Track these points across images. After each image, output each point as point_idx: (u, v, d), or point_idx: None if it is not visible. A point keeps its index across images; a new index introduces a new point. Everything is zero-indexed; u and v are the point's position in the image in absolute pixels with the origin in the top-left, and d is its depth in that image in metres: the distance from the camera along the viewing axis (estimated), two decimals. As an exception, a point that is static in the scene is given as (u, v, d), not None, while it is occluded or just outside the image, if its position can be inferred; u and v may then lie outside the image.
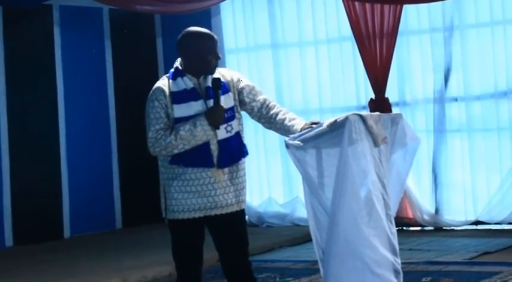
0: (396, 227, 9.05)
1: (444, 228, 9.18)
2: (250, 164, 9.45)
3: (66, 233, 9.81)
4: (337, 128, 4.84)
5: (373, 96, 9.28)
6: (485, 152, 9.06)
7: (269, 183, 10.21)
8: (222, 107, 4.87)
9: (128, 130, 10.37)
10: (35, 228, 9.43)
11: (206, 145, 4.87)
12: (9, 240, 9.31)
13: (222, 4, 9.97)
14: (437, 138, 9.22)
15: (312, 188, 5.02)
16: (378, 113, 5.10)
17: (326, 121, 4.89)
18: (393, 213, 5.14)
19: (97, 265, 7.99)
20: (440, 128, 9.19)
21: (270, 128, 5.10)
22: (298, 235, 8.94)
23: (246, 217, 6.03)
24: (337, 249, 4.93)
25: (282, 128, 5.01)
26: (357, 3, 9.14)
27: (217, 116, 4.85)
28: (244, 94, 5.04)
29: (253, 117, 5.12)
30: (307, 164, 4.98)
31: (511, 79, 8.88)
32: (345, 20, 9.36)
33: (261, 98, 5.06)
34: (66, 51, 9.87)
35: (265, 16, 10.08)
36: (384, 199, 4.99)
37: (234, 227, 5.04)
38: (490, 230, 8.89)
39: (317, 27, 9.83)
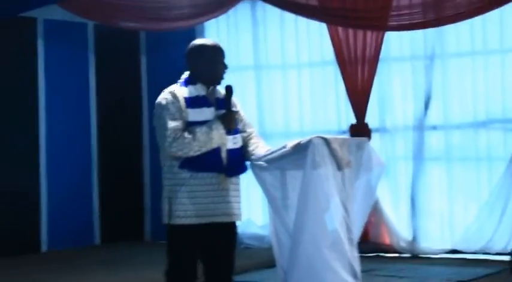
0: (373, 253, 9.12)
1: (420, 255, 9.16)
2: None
3: (44, 247, 9.75)
4: (301, 150, 4.88)
5: (353, 121, 9.31)
6: (463, 181, 9.06)
7: (248, 204, 10.18)
8: (235, 112, 5.02)
9: (110, 145, 10.37)
10: (12, 242, 9.37)
11: (217, 151, 4.96)
12: (-15, 253, 9.27)
13: (207, 23, 10.01)
14: (415, 166, 9.21)
15: (276, 209, 5.04)
16: (343, 136, 5.13)
17: (290, 143, 4.92)
18: (356, 237, 5.14)
19: (71, 281, 7.94)
20: (419, 156, 9.20)
21: None
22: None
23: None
24: (299, 272, 4.93)
25: (248, 154, 5.15)
26: (340, 28, 9.20)
27: (232, 121, 4.97)
28: (237, 122, 5.15)
29: None
30: (271, 185, 5.02)
31: (490, 109, 8.90)
32: (327, 45, 9.40)
33: (250, 130, 5.21)
34: (50, 65, 9.85)
35: (249, 37, 10.10)
36: (346, 223, 4.99)
37: (232, 238, 5.12)
38: (465, 259, 8.85)
39: (300, 50, 9.88)
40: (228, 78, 5.15)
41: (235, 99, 5.21)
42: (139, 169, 10.67)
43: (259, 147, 5.14)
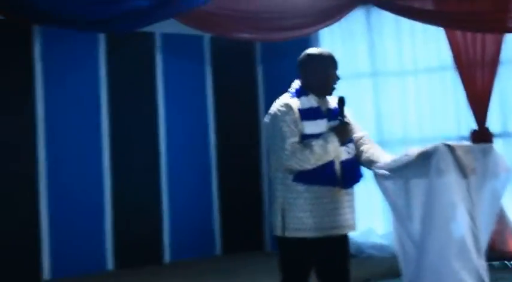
0: (498, 260, 8.85)
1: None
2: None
3: (166, 258, 9.87)
4: (425, 158, 4.79)
5: (474, 126, 9.11)
6: None
7: (369, 213, 10.07)
8: (349, 124, 4.99)
9: (228, 155, 10.42)
10: (135, 253, 9.53)
11: (332, 164, 4.93)
12: (110, 264, 9.43)
13: (321, 32, 9.96)
14: (541, 171, 8.94)
15: (400, 218, 4.97)
16: (468, 143, 5.02)
17: (412, 150, 4.84)
18: (484, 246, 5.00)
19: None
20: (545, 160, 8.92)
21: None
22: (397, 267, 8.75)
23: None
24: (426, 282, 4.84)
25: (366, 160, 5.10)
26: (458, 32, 9.03)
27: (346, 133, 4.96)
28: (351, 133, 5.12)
29: None
30: (395, 194, 4.95)
31: None
32: (445, 49, 9.25)
33: (360, 134, 5.18)
34: (168, 78, 9.97)
35: (364, 44, 10.01)
36: (472, 231, 4.87)
37: (346, 249, 5.12)
38: None
39: (417, 56, 9.72)
40: (344, 86, 5.14)
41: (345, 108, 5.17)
42: (258, 179, 10.69)
43: (378, 154, 5.06)
